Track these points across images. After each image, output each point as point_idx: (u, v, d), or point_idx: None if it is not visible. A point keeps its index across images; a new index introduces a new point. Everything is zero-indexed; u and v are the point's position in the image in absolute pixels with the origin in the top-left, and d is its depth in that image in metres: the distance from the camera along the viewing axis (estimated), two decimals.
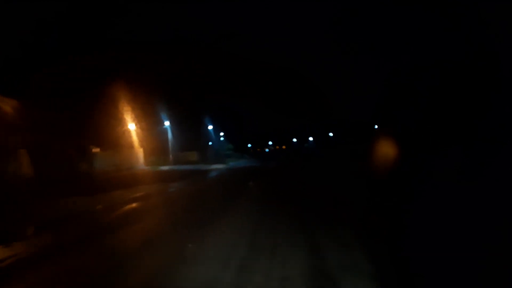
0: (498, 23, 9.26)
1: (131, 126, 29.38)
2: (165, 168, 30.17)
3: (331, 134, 64.52)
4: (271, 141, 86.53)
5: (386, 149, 17.89)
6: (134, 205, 10.38)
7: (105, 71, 24.31)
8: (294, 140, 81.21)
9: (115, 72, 25.09)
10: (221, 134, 55.01)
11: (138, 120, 28.97)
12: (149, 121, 30.64)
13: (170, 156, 35.71)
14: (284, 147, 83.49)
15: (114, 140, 27.73)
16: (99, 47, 23.60)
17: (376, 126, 31.52)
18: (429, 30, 16.90)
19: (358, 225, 6.26)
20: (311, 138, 74.85)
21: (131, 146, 30.00)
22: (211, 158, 39.25)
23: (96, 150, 27.78)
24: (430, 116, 16.95)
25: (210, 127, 47.86)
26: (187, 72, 36.22)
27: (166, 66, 31.40)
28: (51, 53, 20.77)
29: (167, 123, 36.48)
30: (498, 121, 10.74)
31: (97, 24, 23.66)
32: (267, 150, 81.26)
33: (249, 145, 75.79)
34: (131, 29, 29.76)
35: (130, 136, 29.38)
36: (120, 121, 27.62)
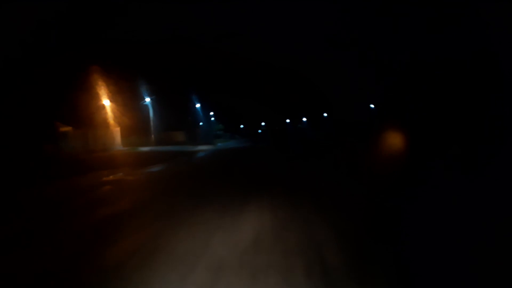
0: (498, 23, 9.27)
1: (106, 102, 26.34)
2: (144, 149, 27.19)
3: (325, 115, 61.87)
4: (264, 122, 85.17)
5: (385, 149, 17.90)
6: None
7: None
8: (288, 121, 79.91)
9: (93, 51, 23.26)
10: (211, 114, 52.37)
11: (114, 94, 26.15)
12: (126, 97, 27.58)
13: (152, 136, 32.55)
14: (276, 128, 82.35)
15: (87, 118, 24.88)
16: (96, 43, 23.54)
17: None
18: (429, 30, 16.92)
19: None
20: (304, 119, 73.07)
21: (106, 124, 27.08)
22: (199, 139, 36.86)
23: (66, 128, 24.82)
24: (430, 115, 16.99)
25: (198, 105, 44.39)
26: (181, 66, 36.15)
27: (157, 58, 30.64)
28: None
29: (148, 100, 32.81)
30: (498, 120, 10.76)
31: (97, 24, 23.68)
32: (259, 131, 79.97)
33: (242, 126, 74.90)
34: (131, 29, 29.79)
35: (105, 113, 26.59)
36: (94, 96, 25.02)
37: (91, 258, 4.33)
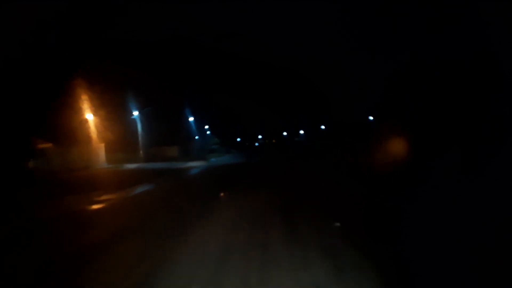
0: (498, 23, 9.26)
1: (89, 116, 24.52)
2: (130, 166, 25.63)
3: (323, 127, 60.18)
4: (261, 135, 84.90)
5: (385, 149, 17.89)
6: None
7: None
8: (285, 133, 79.25)
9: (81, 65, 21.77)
10: (206, 127, 50.29)
11: (98, 108, 24.16)
12: (112, 110, 25.44)
13: (141, 151, 30.69)
14: (274, 141, 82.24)
15: (69, 133, 22.96)
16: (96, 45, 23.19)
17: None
18: (429, 30, 16.90)
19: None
20: (302, 132, 72.06)
21: (89, 140, 25.23)
22: (193, 154, 35.40)
23: (45, 145, 23.33)
24: (430, 115, 16.97)
25: (191, 118, 41.98)
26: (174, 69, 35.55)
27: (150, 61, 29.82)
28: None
29: (136, 113, 30.68)
30: (498, 120, 10.75)
31: (97, 24, 23.67)
32: (256, 144, 79.93)
33: (239, 139, 74.72)
34: (131, 29, 29.75)
35: (88, 128, 24.70)
36: (76, 110, 23.18)
37: None
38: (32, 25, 17.67)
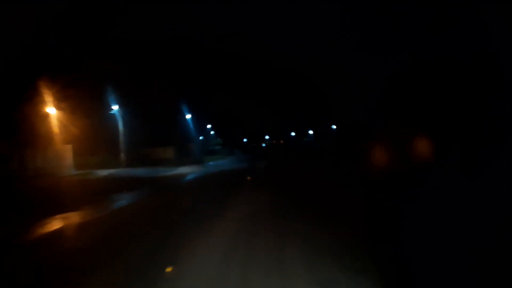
0: (498, 23, 9.26)
1: (51, 110, 19.99)
2: (102, 173, 20.90)
3: (334, 127, 55.09)
4: (268, 135, 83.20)
5: (385, 149, 17.90)
6: None
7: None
8: (293, 134, 77.07)
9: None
10: (209, 126, 46.59)
11: (62, 101, 19.85)
12: (83, 105, 20.82)
13: (122, 154, 25.30)
14: (281, 141, 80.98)
15: (25, 132, 18.95)
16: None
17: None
18: (429, 30, 16.91)
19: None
20: (311, 132, 68.94)
21: (50, 140, 20.65)
22: (191, 155, 32.30)
23: None
24: (430, 115, 16.97)
25: (188, 116, 37.44)
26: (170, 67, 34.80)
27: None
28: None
29: (115, 108, 25.02)
30: (498, 120, 10.75)
31: (97, 24, 23.69)
32: (263, 144, 78.76)
33: (245, 140, 73.51)
34: (131, 29, 29.75)
35: (49, 125, 20.12)
36: (35, 103, 19.15)
37: None
38: (32, 25, 17.65)
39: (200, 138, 42.55)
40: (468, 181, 7.89)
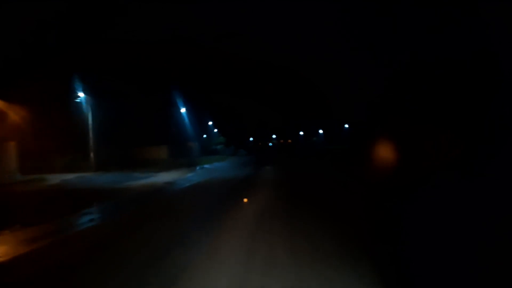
0: (498, 23, 9.26)
1: None
2: (56, 180, 17.48)
3: (346, 126, 53.02)
4: (275, 134, 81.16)
5: (385, 149, 17.88)
6: None
7: None
8: (301, 133, 76.08)
9: None
10: (210, 123, 43.81)
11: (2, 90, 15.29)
12: (35, 94, 16.81)
13: (91, 154, 21.17)
14: (289, 141, 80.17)
15: None
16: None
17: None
18: (429, 30, 16.89)
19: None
20: (321, 131, 67.49)
21: None
22: (188, 155, 30.08)
23: None
24: (430, 115, 16.96)
25: (183, 110, 34.52)
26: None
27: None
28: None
29: (82, 95, 20.80)
30: (498, 120, 10.74)
31: (97, 24, 23.67)
32: (270, 144, 78.16)
33: (251, 139, 72.90)
34: (131, 29, 29.73)
35: None
36: None
37: None
38: (32, 25, 17.60)
39: (204, 136, 41.04)
40: (468, 181, 7.89)
